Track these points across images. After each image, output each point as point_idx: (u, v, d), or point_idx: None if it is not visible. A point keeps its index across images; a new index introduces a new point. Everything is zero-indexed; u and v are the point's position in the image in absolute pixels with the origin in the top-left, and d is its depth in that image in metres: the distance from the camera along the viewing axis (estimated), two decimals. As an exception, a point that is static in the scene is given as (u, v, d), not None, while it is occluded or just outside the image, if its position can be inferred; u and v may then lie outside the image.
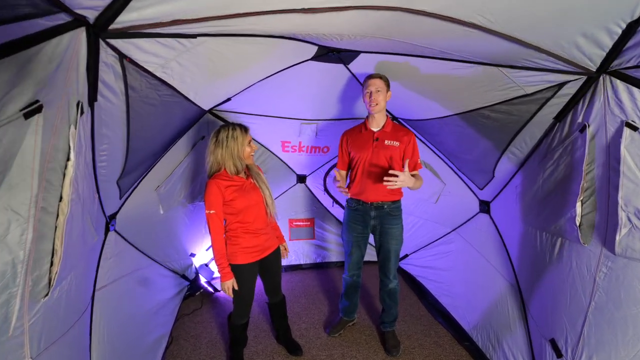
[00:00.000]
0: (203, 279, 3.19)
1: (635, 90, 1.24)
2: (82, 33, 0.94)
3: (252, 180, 1.97)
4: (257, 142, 3.14)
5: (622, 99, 1.29)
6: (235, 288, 1.89)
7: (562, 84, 1.54)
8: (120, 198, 1.95)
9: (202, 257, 3.30)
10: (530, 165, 1.94)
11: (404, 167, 1.91)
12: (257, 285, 2.09)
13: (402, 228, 2.29)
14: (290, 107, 2.77)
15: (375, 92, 2.07)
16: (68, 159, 1.02)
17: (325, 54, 1.99)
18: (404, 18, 1.22)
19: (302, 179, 3.68)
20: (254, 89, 2.34)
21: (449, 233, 3.08)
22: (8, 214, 0.83)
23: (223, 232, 1.90)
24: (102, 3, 0.89)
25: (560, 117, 1.66)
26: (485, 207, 2.57)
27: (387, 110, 2.41)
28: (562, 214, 1.61)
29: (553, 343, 1.61)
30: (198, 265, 3.22)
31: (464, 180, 2.78)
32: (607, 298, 1.36)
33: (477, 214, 2.70)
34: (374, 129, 2.21)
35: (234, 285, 1.89)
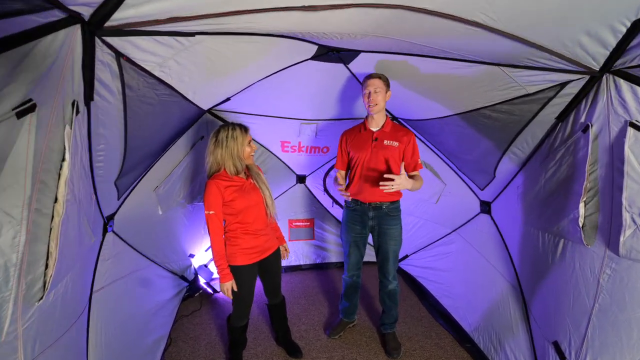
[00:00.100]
0: (202, 280, 3.17)
1: (640, 90, 1.22)
2: (77, 30, 0.92)
3: (252, 181, 1.96)
4: (256, 142, 3.13)
5: (625, 99, 1.28)
6: (235, 289, 1.88)
7: (564, 84, 1.52)
8: (119, 199, 1.94)
9: (201, 257, 3.28)
10: (532, 166, 1.92)
11: (401, 170, 1.89)
12: (256, 287, 2.07)
13: (401, 229, 2.27)
14: (290, 107, 2.76)
15: (374, 92, 2.06)
16: (63, 159, 1.00)
17: (325, 54, 1.98)
18: (405, 16, 1.21)
19: (301, 179, 3.67)
20: (254, 89, 2.32)
21: (450, 234, 3.07)
22: (0, 217, 0.81)
23: (222, 233, 1.88)
24: (97, -1, 0.87)
25: (563, 117, 1.64)
26: (486, 207, 2.55)
27: (387, 110, 2.40)
28: (564, 215, 1.59)
29: (556, 345, 1.59)
30: (197, 266, 3.20)
31: (465, 181, 2.76)
32: (611, 300, 1.34)
33: (477, 215, 2.69)
34: (373, 129, 2.19)
35: (233, 287, 1.87)
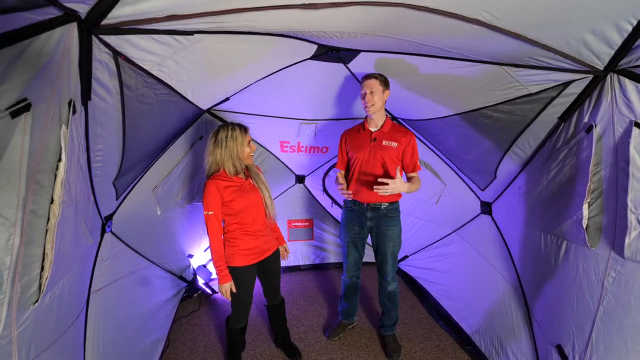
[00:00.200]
0: (201, 280, 3.15)
1: (645, 89, 1.21)
2: (73, 29, 0.90)
3: (251, 181, 1.94)
4: (255, 142, 3.11)
5: (630, 98, 1.26)
6: (234, 291, 1.86)
7: (567, 83, 1.50)
8: (117, 199, 1.92)
9: (200, 258, 3.27)
10: (534, 166, 1.91)
11: (396, 173, 1.88)
12: (255, 288, 2.05)
13: (400, 230, 2.25)
14: (289, 106, 2.75)
15: (370, 93, 2.04)
16: (59, 160, 0.98)
17: (325, 53, 1.96)
18: (406, 14, 1.19)
19: (301, 180, 3.65)
20: (253, 89, 2.31)
21: (450, 234, 3.05)
22: (-7, 218, 0.79)
23: (221, 233, 1.87)
24: (93, -4, 0.85)
25: (565, 117, 1.62)
26: (487, 208, 2.54)
27: (386, 110, 2.38)
28: (567, 216, 1.57)
29: (559, 349, 1.57)
30: (196, 267, 3.19)
31: (465, 181, 2.74)
32: (616, 303, 1.32)
33: (478, 215, 2.67)
34: (372, 129, 2.18)
35: (232, 288, 1.85)
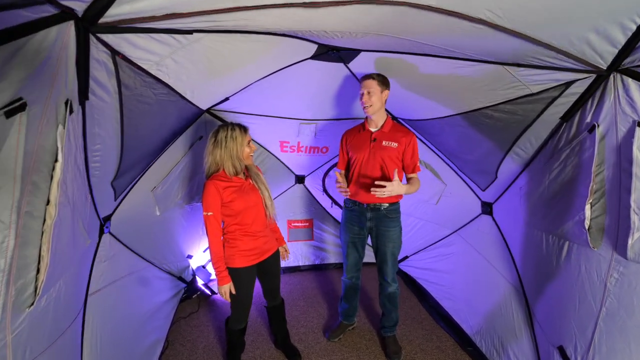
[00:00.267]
0: (200, 281, 3.13)
1: (648, 89, 1.20)
2: (70, 27, 0.88)
3: (251, 181, 1.93)
4: (255, 142, 3.10)
5: (634, 98, 1.25)
6: (233, 292, 1.84)
7: (569, 83, 1.49)
8: (115, 199, 1.90)
9: (199, 258, 3.25)
10: (536, 166, 1.90)
11: (394, 176, 1.87)
12: (255, 289, 2.03)
13: (400, 231, 2.23)
14: (289, 106, 2.73)
15: (367, 93, 2.03)
16: (56, 160, 0.96)
17: (325, 53, 1.95)
18: (408, 13, 1.18)
19: (300, 180, 3.64)
20: (253, 88, 2.30)
21: (450, 235, 3.04)
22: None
23: (221, 234, 1.85)
24: (90, -6, 0.84)
25: (567, 117, 1.61)
26: (488, 208, 2.53)
27: (387, 110, 2.36)
28: (569, 217, 1.56)
29: (561, 350, 1.56)
30: (195, 267, 3.17)
31: (465, 181, 2.73)
32: (618, 305, 1.31)
33: (479, 216, 2.66)
34: (372, 130, 2.17)
35: (232, 290, 1.84)
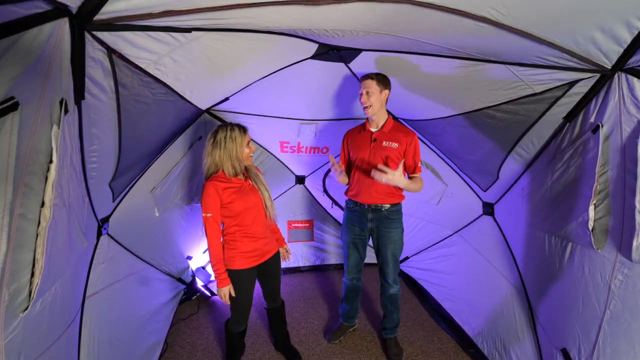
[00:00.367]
0: (200, 282, 3.11)
1: (654, 89, 1.18)
2: (64, 24, 0.86)
3: (250, 182, 1.91)
4: (255, 142, 3.08)
5: (639, 98, 1.23)
6: (233, 295, 1.82)
7: (573, 83, 1.47)
8: (114, 200, 1.89)
9: (199, 259, 3.23)
10: (538, 167, 1.88)
11: (399, 166, 1.84)
12: (255, 290, 2.01)
13: (401, 232, 2.21)
14: (290, 107, 2.71)
15: (366, 94, 2.02)
16: (51, 161, 0.94)
17: (326, 52, 1.93)
18: (410, 11, 1.16)
19: (301, 180, 3.62)
20: (253, 88, 2.28)
21: (451, 235, 3.02)
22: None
23: (220, 236, 1.83)
24: (84, -10, 0.82)
25: (571, 117, 1.59)
26: (489, 209, 2.51)
27: (388, 110, 2.34)
28: (573, 218, 1.54)
29: (565, 353, 1.54)
30: (195, 268, 3.15)
31: (467, 182, 2.72)
32: (623, 307, 1.29)
33: (480, 216, 2.64)
34: (373, 130, 2.15)
35: (231, 292, 1.81)
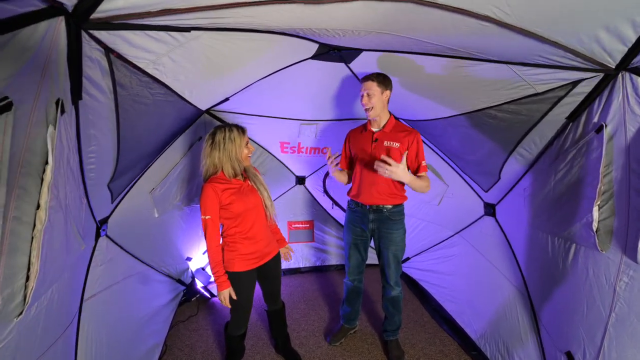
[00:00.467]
0: (199, 284, 3.09)
1: (659, 88, 1.16)
2: (60, 23, 0.84)
3: (249, 183, 1.89)
4: (255, 143, 3.07)
5: (644, 97, 1.21)
6: (233, 297, 1.80)
7: (576, 82, 1.45)
8: (112, 202, 1.87)
9: (198, 261, 3.21)
10: (540, 167, 1.86)
11: (402, 159, 1.79)
12: (255, 292, 1.99)
13: (403, 233, 2.19)
14: (290, 107, 2.70)
15: (367, 95, 2.00)
16: (46, 163, 0.92)
17: (326, 52, 1.92)
18: (413, 10, 1.14)
19: (301, 181, 3.60)
20: (253, 89, 2.26)
21: (452, 236, 3.01)
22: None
23: (219, 238, 1.81)
24: (80, -12, 0.80)
25: (574, 117, 1.57)
26: (491, 210, 2.49)
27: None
28: (576, 219, 1.52)
29: (569, 356, 1.52)
30: (194, 270, 3.13)
31: (468, 182, 2.70)
32: (629, 310, 1.27)
33: (481, 217, 2.62)
34: (374, 130, 2.13)
35: (232, 294, 1.79)
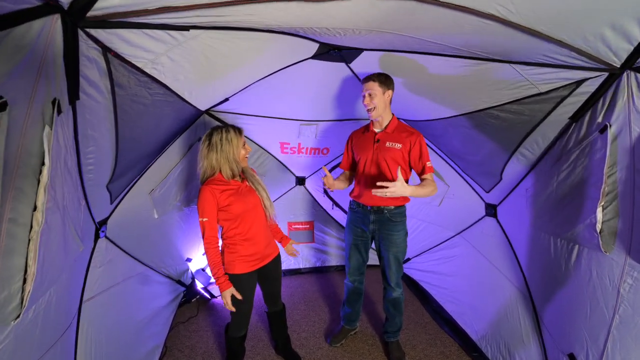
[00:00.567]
0: (199, 285, 3.08)
1: (664, 88, 1.15)
2: (56, 21, 0.83)
3: (247, 183, 1.87)
4: (255, 143, 3.05)
5: (649, 97, 1.20)
6: (237, 297, 1.78)
7: (580, 82, 1.44)
8: (111, 203, 1.85)
9: (198, 261, 3.19)
10: (543, 168, 1.84)
11: (398, 175, 1.72)
12: (255, 293, 1.97)
13: (404, 235, 2.18)
14: (290, 107, 2.69)
15: (368, 96, 1.98)
16: (43, 164, 0.91)
17: (326, 52, 1.90)
18: (415, 8, 1.13)
19: (301, 181, 3.59)
20: (253, 89, 2.24)
21: (453, 237, 2.99)
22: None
23: (217, 240, 1.80)
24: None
25: (577, 117, 1.56)
26: (492, 210, 2.47)
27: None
28: (579, 220, 1.51)
29: (572, 358, 1.50)
30: (194, 270, 3.11)
31: (469, 183, 2.68)
32: (633, 312, 1.26)
33: (483, 218, 2.61)
34: (376, 130, 2.12)
35: (235, 295, 1.77)
